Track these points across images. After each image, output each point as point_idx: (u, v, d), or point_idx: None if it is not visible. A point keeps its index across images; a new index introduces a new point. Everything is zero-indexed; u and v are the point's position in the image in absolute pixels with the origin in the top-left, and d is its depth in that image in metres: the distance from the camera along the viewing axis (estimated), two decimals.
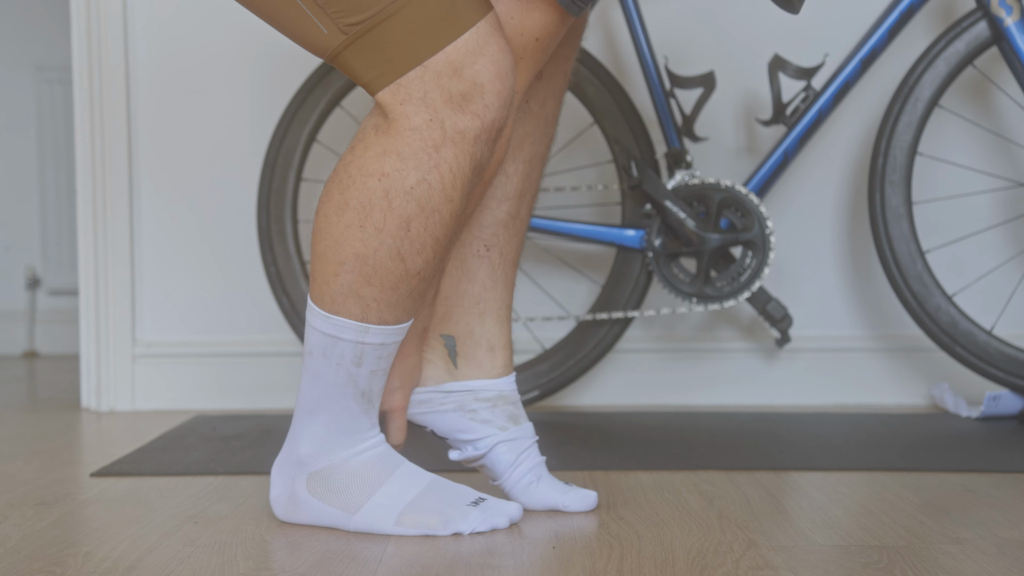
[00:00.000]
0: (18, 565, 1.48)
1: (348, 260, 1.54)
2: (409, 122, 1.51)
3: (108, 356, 2.71)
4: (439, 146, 1.51)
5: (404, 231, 1.52)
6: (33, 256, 3.99)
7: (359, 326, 1.57)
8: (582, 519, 1.68)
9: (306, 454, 1.64)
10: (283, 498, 1.67)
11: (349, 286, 1.55)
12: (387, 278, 1.54)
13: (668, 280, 2.43)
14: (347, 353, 1.58)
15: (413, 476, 1.64)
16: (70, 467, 2.11)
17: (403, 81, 1.50)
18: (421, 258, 1.54)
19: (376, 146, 1.52)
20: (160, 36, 2.70)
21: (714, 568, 1.44)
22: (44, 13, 3.95)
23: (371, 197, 1.52)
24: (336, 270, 1.55)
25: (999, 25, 2.40)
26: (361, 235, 1.53)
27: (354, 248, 1.54)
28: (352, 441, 1.63)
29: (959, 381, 2.66)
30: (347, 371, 1.59)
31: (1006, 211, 2.71)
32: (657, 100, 2.45)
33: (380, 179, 1.52)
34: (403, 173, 1.51)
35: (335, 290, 1.56)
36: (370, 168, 1.52)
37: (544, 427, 2.43)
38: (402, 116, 1.51)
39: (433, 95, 1.50)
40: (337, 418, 1.62)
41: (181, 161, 2.72)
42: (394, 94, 1.51)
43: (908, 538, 1.57)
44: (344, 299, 1.56)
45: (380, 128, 1.53)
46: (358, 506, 1.61)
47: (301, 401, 1.64)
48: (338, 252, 1.55)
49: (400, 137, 1.51)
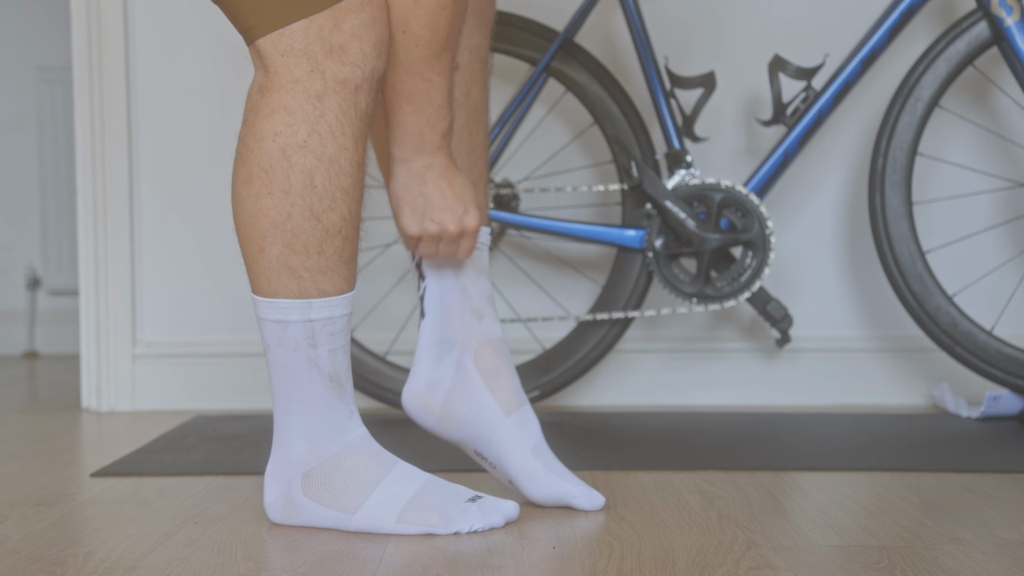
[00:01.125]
0: (18, 565, 1.48)
1: (267, 231, 1.57)
2: (291, 74, 1.55)
3: (108, 356, 2.71)
4: (322, 95, 1.55)
5: (310, 187, 1.56)
6: (33, 256, 3.99)
7: (302, 303, 1.58)
8: (583, 519, 1.68)
9: (296, 454, 1.63)
10: (279, 503, 1.66)
11: (277, 259, 1.57)
12: (310, 241, 1.57)
13: (668, 280, 2.43)
14: (299, 336, 1.59)
15: (409, 474, 1.64)
16: (70, 467, 2.11)
17: (287, 31, 1.54)
18: (335, 213, 1.57)
19: (264, 107, 1.56)
20: (161, 36, 2.70)
21: (714, 568, 1.44)
22: (45, 14, 3.95)
23: (270, 160, 1.56)
24: (260, 245, 1.58)
25: (999, 25, 2.40)
26: (271, 202, 1.56)
27: (269, 217, 1.56)
28: (335, 432, 1.63)
29: (959, 381, 2.66)
30: (306, 355, 1.60)
31: (1006, 211, 2.71)
32: (657, 100, 2.45)
33: (274, 139, 1.55)
34: (293, 128, 1.55)
35: (266, 269, 1.58)
36: (263, 131, 1.56)
37: (545, 427, 2.42)
38: (283, 68, 1.55)
39: (314, 47, 1.55)
40: (312, 409, 1.62)
41: (181, 161, 2.72)
42: (276, 44, 1.55)
43: (908, 538, 1.57)
44: (278, 276, 1.58)
45: (264, 87, 1.57)
46: (357, 506, 1.61)
47: (276, 403, 1.64)
48: (256, 226, 1.57)
49: (284, 91, 1.55)
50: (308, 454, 1.63)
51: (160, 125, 2.71)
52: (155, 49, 2.71)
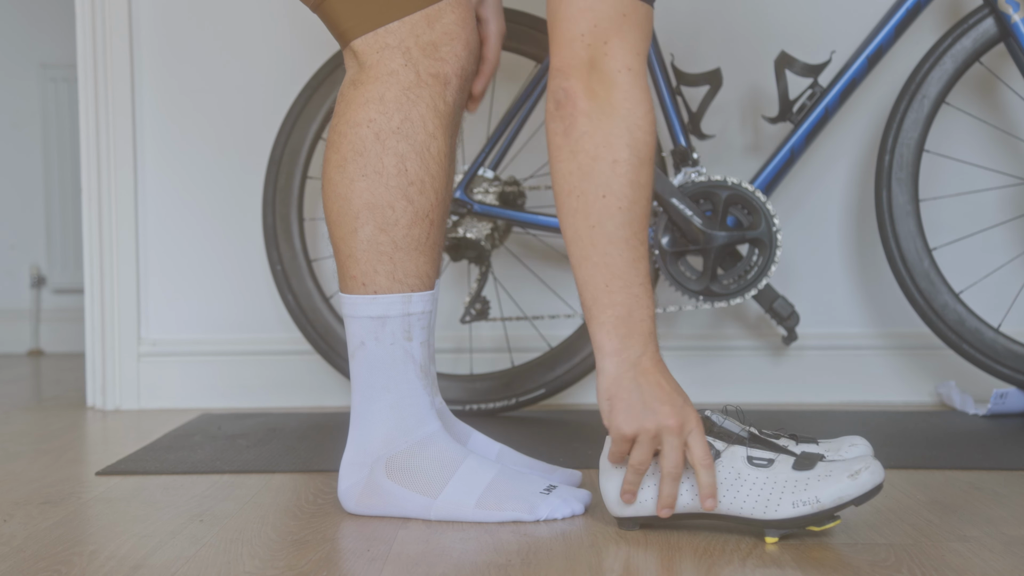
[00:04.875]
0: (23, 564, 1.47)
1: (361, 211, 1.63)
2: (386, 67, 1.63)
3: (113, 355, 2.71)
4: (415, 86, 1.63)
5: (402, 170, 1.62)
6: (38, 254, 3.99)
7: (402, 297, 1.64)
8: (587, 517, 1.67)
9: (380, 440, 1.67)
10: (356, 488, 1.68)
11: (369, 240, 1.63)
12: (400, 222, 1.63)
13: (675, 278, 2.43)
14: (397, 330, 1.65)
15: (483, 463, 1.68)
16: (75, 466, 2.11)
17: (382, 30, 1.62)
18: (424, 197, 1.64)
19: (358, 98, 1.64)
20: (165, 33, 2.70)
21: (721, 566, 1.44)
22: (49, 11, 3.95)
23: (364, 143, 1.63)
24: (353, 225, 1.64)
25: (1006, 22, 2.39)
26: (365, 184, 1.63)
27: (363, 198, 1.63)
28: (420, 420, 1.68)
29: (966, 379, 2.65)
30: (402, 348, 1.66)
31: (1013, 208, 2.70)
32: (663, 97, 2.45)
33: (368, 125, 1.63)
34: (387, 115, 1.62)
35: (358, 251, 1.64)
36: (356, 118, 1.63)
37: (550, 425, 2.42)
38: (379, 63, 1.63)
39: (409, 42, 1.63)
40: (403, 399, 1.67)
41: (186, 159, 2.72)
42: (372, 42, 1.63)
43: (915, 536, 1.56)
44: (368, 260, 1.63)
45: (357, 81, 1.65)
46: (439, 489, 1.65)
47: (360, 393, 1.68)
48: (350, 207, 1.64)
49: (379, 82, 1.63)
50: (395, 439, 1.67)
51: (164, 122, 2.71)
52: (159, 46, 2.70)
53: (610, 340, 1.55)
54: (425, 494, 1.65)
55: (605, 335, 1.55)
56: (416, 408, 1.68)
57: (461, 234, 2.45)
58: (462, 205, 2.41)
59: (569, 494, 1.68)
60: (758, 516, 1.52)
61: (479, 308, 2.50)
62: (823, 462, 1.54)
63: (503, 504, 1.64)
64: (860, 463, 1.52)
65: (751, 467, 1.53)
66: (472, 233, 2.45)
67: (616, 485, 1.59)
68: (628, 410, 1.54)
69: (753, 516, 1.53)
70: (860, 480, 1.50)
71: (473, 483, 1.65)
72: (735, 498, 1.53)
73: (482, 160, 2.44)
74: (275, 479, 1.95)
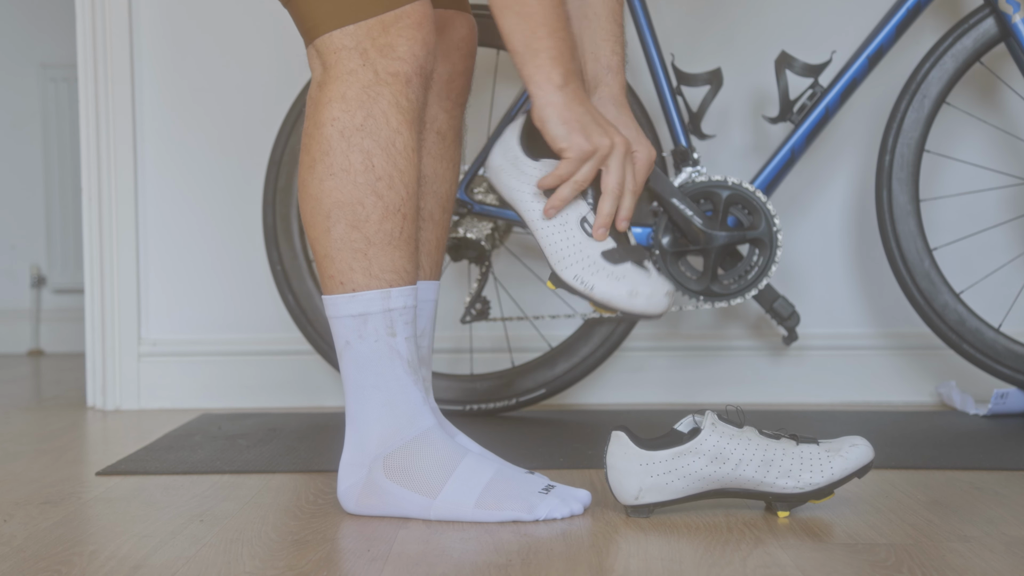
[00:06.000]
0: (23, 564, 1.47)
1: (332, 210, 1.65)
2: (345, 66, 1.65)
3: (113, 354, 2.71)
4: (374, 84, 1.65)
5: (369, 167, 1.64)
6: (38, 254, 3.99)
7: (381, 293, 1.65)
8: (587, 517, 1.67)
9: (376, 439, 1.67)
10: (355, 488, 1.68)
11: (342, 238, 1.65)
12: (371, 217, 1.65)
13: (675, 278, 2.43)
14: (380, 326, 1.65)
15: (481, 461, 1.68)
16: (75, 466, 2.11)
17: (339, 32, 1.65)
18: (394, 192, 1.65)
19: (322, 98, 1.66)
20: (165, 34, 2.70)
21: (722, 567, 1.43)
22: (49, 11, 3.95)
23: (329, 143, 1.65)
24: (326, 225, 1.65)
25: (1007, 22, 2.39)
26: (334, 182, 1.65)
27: (332, 196, 1.65)
28: (413, 416, 1.68)
29: (966, 379, 2.65)
30: (386, 343, 1.66)
31: (1014, 208, 2.70)
32: (664, 97, 2.45)
33: (332, 124, 1.65)
34: (350, 113, 1.64)
35: (333, 250, 1.65)
36: (322, 118, 1.65)
37: (551, 425, 2.42)
38: (339, 62, 1.65)
39: (365, 44, 1.65)
40: (392, 394, 1.67)
41: (186, 159, 2.72)
42: (329, 43, 1.66)
43: (916, 536, 1.56)
44: (343, 258, 1.65)
45: (322, 82, 1.68)
46: (438, 489, 1.65)
47: (352, 393, 1.68)
48: (321, 206, 1.66)
49: (340, 81, 1.65)
50: (389, 437, 1.67)
51: (164, 122, 2.71)
52: (159, 46, 2.70)
53: (555, 73, 1.69)
54: (424, 494, 1.65)
55: (549, 70, 1.69)
56: (408, 404, 1.68)
57: (461, 234, 2.45)
58: (462, 205, 2.41)
59: (568, 494, 1.68)
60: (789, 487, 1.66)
61: (479, 308, 2.50)
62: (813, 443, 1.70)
63: (502, 504, 1.64)
64: (848, 441, 1.69)
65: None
66: (472, 233, 2.45)
67: (630, 480, 1.63)
68: (585, 130, 1.70)
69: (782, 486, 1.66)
70: (859, 451, 1.68)
71: (472, 482, 1.65)
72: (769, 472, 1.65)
73: (482, 160, 2.44)
74: (275, 479, 1.95)
